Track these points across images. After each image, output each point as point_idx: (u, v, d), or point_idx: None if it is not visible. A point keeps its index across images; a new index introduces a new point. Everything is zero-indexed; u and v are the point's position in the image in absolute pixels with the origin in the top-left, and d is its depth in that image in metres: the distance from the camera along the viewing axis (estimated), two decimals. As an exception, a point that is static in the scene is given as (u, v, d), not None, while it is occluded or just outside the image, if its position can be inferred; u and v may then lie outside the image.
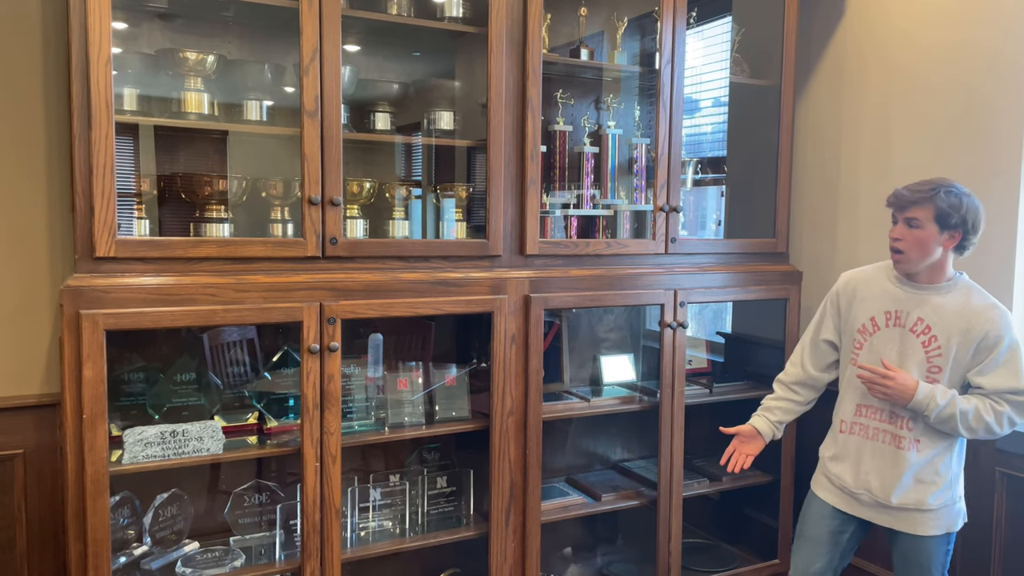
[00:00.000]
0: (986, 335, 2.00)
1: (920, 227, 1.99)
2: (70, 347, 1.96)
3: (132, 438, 2.13)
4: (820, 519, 2.23)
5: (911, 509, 2.09)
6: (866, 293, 2.16)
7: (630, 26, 2.96)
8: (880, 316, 2.12)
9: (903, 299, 2.09)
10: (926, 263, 2.03)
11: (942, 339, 2.03)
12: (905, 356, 2.07)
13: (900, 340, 2.08)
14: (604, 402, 2.91)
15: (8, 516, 2.36)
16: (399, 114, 2.64)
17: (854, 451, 2.17)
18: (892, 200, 2.04)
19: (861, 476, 2.14)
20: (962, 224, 1.98)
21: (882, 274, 2.17)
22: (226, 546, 2.39)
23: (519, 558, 2.58)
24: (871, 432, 2.13)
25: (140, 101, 2.26)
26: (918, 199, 1.98)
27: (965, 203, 1.97)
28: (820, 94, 3.14)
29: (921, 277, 2.08)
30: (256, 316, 2.17)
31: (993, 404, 2.01)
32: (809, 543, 2.24)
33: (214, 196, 2.30)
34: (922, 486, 2.08)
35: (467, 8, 2.54)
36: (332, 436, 2.26)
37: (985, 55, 2.56)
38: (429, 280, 2.37)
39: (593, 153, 2.91)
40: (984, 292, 2.08)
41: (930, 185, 1.99)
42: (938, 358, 2.04)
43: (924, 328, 2.05)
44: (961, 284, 2.08)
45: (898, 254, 2.04)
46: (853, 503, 2.17)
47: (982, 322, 2.01)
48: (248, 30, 2.48)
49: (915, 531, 2.10)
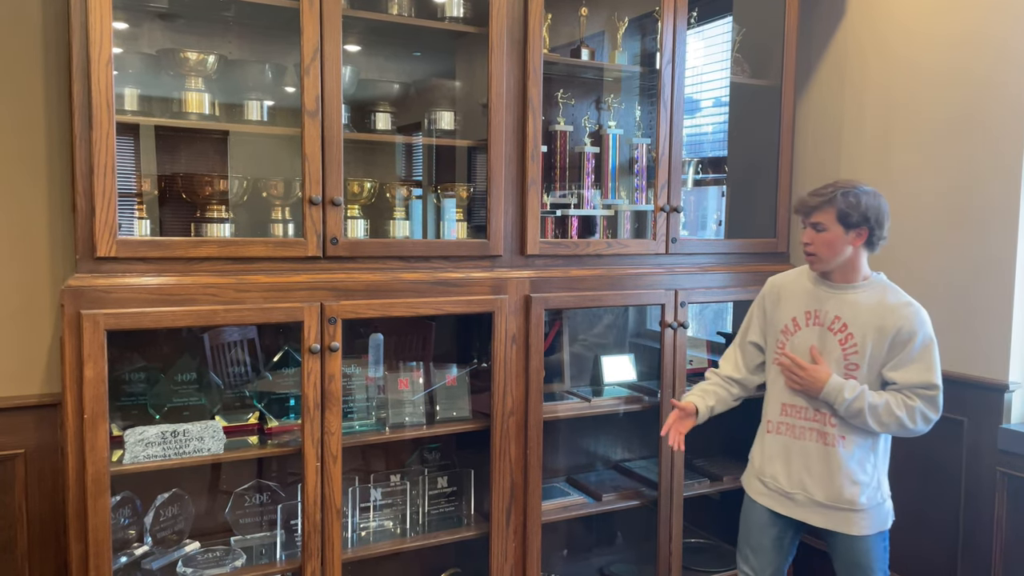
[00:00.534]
0: (899, 330, 2.06)
1: (826, 229, 2.08)
2: (71, 347, 1.96)
3: (133, 438, 2.13)
4: (762, 528, 2.27)
5: (844, 508, 2.13)
6: (788, 295, 2.24)
7: (631, 26, 2.96)
8: (800, 316, 2.19)
9: (822, 298, 2.17)
10: (837, 262, 2.11)
11: (858, 336, 2.10)
12: (824, 354, 2.14)
13: (819, 338, 2.15)
14: (605, 402, 2.91)
15: (9, 516, 2.36)
16: (400, 114, 2.64)
17: (783, 451, 2.21)
18: (797, 207, 2.15)
19: (794, 475, 2.18)
20: (864, 221, 2.06)
21: (804, 276, 2.25)
22: (227, 546, 2.39)
23: (520, 558, 2.58)
24: (798, 431, 2.18)
25: (141, 101, 2.26)
26: (819, 203, 2.07)
27: (864, 201, 2.05)
28: (821, 94, 3.13)
29: (836, 276, 2.15)
30: (257, 316, 2.17)
31: (905, 399, 2.06)
32: (754, 552, 2.28)
33: (215, 196, 2.30)
34: (853, 486, 2.12)
35: (468, 8, 2.54)
36: (333, 436, 2.26)
37: (988, 55, 2.56)
38: (430, 280, 2.37)
39: (594, 153, 2.91)
40: (900, 290, 2.15)
41: (829, 188, 2.08)
42: (854, 355, 2.10)
43: (841, 326, 2.12)
44: (877, 283, 2.15)
45: (810, 256, 2.13)
46: (789, 504, 2.20)
47: (896, 318, 2.07)
48: (249, 30, 2.48)
49: (849, 531, 2.14)
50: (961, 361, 2.64)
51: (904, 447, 2.84)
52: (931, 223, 2.73)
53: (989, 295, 2.56)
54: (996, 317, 2.54)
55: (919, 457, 2.79)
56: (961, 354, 2.64)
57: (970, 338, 2.62)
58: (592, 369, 3.09)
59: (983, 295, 2.58)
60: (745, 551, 2.31)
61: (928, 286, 2.74)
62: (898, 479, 2.87)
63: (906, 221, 2.82)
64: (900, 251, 2.84)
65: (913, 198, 2.79)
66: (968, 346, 2.62)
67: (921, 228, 2.76)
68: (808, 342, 2.16)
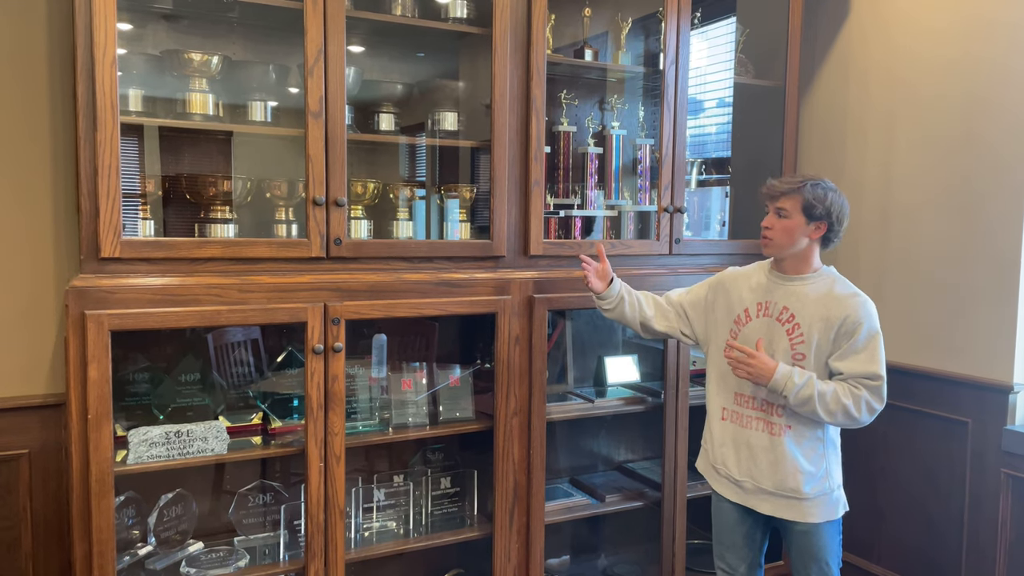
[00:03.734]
0: (845, 320, 2.08)
1: (788, 216, 2.11)
2: (75, 347, 1.96)
3: (137, 438, 2.13)
4: (732, 527, 2.29)
5: (790, 496, 2.15)
6: (744, 288, 2.26)
7: (634, 26, 2.96)
8: (753, 307, 2.22)
9: (772, 290, 2.19)
10: (792, 251, 2.14)
11: (804, 326, 2.12)
12: (772, 343, 2.16)
13: (767, 328, 2.18)
14: (608, 403, 2.90)
15: (13, 516, 2.37)
16: (403, 115, 2.64)
17: (732, 439, 2.23)
18: (765, 191, 2.17)
19: (743, 464, 2.20)
20: (827, 216, 2.09)
21: (760, 270, 2.27)
22: (230, 546, 2.40)
23: (523, 559, 2.58)
24: (745, 419, 2.20)
25: (145, 102, 2.27)
26: (787, 190, 2.10)
27: (830, 197, 2.09)
28: (825, 94, 3.13)
29: (788, 267, 2.18)
30: (261, 317, 2.17)
31: (851, 388, 2.07)
32: (728, 549, 2.31)
33: (219, 197, 2.30)
34: (798, 475, 2.14)
35: (471, 9, 2.55)
36: (336, 437, 2.26)
37: (993, 54, 2.55)
38: (433, 281, 2.38)
39: (597, 154, 2.90)
40: (848, 283, 2.17)
41: (799, 178, 2.13)
42: (801, 345, 2.12)
43: (788, 316, 2.15)
44: (827, 275, 2.17)
45: (766, 239, 2.15)
46: (740, 492, 2.23)
47: (842, 308, 2.09)
48: (253, 31, 2.48)
49: (798, 519, 2.16)
50: (966, 362, 2.63)
51: (908, 448, 2.84)
52: (936, 224, 2.73)
53: (994, 296, 2.55)
54: (1001, 318, 2.54)
55: (923, 459, 2.79)
56: (966, 355, 2.63)
57: (975, 339, 2.61)
58: (595, 370, 3.09)
59: (988, 296, 2.57)
60: (719, 549, 2.34)
61: (933, 287, 2.74)
62: (901, 480, 2.87)
63: (911, 222, 2.81)
64: (904, 252, 2.84)
65: (918, 199, 2.78)
66: (973, 347, 2.62)
67: (926, 229, 2.76)
68: (758, 333, 2.18)
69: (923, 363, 2.77)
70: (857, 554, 3.03)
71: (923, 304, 2.77)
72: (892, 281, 2.87)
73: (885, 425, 2.90)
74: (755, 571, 2.31)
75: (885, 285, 2.90)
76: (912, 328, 2.81)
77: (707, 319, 2.32)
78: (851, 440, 3.01)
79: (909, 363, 2.80)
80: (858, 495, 3.01)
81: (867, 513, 2.99)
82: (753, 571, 2.31)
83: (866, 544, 3.00)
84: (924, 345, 2.76)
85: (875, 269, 2.93)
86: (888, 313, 2.89)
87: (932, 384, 2.72)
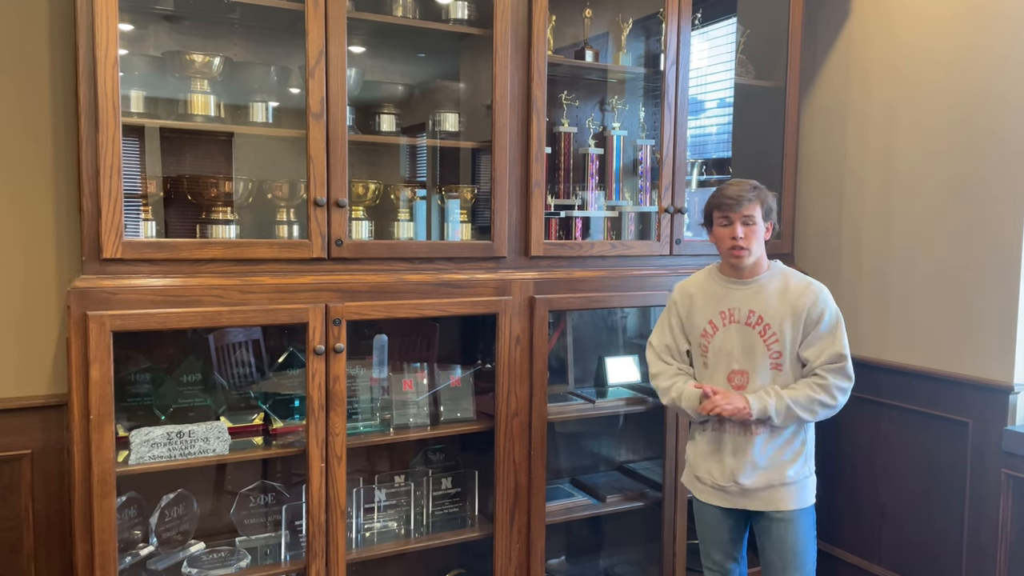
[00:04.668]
0: (810, 310, 2.15)
1: (755, 223, 2.16)
2: (77, 348, 1.97)
3: (139, 439, 2.14)
4: (716, 525, 2.32)
5: (775, 485, 2.19)
6: (701, 299, 2.27)
7: (635, 27, 2.96)
8: (716, 317, 2.23)
9: (733, 296, 2.22)
10: (757, 255, 2.20)
11: (775, 325, 2.17)
12: (748, 349, 2.19)
13: (740, 336, 2.20)
14: (609, 403, 2.91)
15: (15, 516, 2.37)
16: (404, 116, 2.64)
17: (714, 447, 2.25)
18: (729, 203, 2.15)
19: (726, 468, 2.22)
20: (775, 215, 2.21)
21: (709, 279, 2.29)
22: (232, 546, 2.40)
23: (524, 559, 2.59)
24: (726, 426, 2.22)
25: (147, 103, 2.27)
26: (751, 197, 2.15)
27: (771, 196, 2.20)
28: (826, 95, 3.13)
29: (747, 272, 2.22)
30: (262, 317, 2.18)
31: (816, 380, 2.14)
32: (714, 547, 2.34)
33: (220, 198, 2.31)
34: (781, 463, 2.19)
35: (472, 10, 2.55)
36: (337, 437, 2.26)
37: (993, 55, 2.55)
38: (434, 282, 2.38)
39: (598, 154, 2.91)
40: (798, 273, 2.25)
41: (751, 184, 2.18)
42: (776, 343, 2.17)
43: (757, 319, 2.18)
44: (778, 270, 2.24)
45: (742, 251, 2.16)
46: (726, 496, 2.25)
47: (804, 299, 2.16)
48: (254, 32, 2.48)
49: (785, 506, 2.19)
50: (966, 363, 2.64)
51: (909, 448, 2.84)
52: (936, 224, 2.73)
53: (994, 296, 2.56)
54: (1001, 319, 2.54)
55: (924, 459, 2.79)
56: (966, 356, 2.64)
57: (975, 340, 2.61)
58: (596, 370, 3.09)
59: (988, 297, 2.57)
60: (705, 548, 2.37)
61: (933, 287, 2.74)
62: (901, 480, 2.87)
63: (911, 222, 2.81)
64: (905, 252, 2.84)
65: (918, 199, 2.78)
66: (973, 348, 2.62)
67: (926, 229, 2.76)
68: (730, 341, 2.20)
69: (924, 363, 2.77)
70: (858, 554, 3.03)
71: (924, 304, 2.77)
72: (894, 281, 2.87)
73: (886, 425, 2.90)
74: (741, 564, 2.36)
75: (887, 285, 2.90)
76: (913, 328, 2.81)
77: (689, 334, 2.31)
78: (851, 440, 3.01)
79: (910, 363, 2.81)
80: (859, 494, 3.02)
81: (868, 513, 2.99)
82: (739, 563, 2.36)
83: (867, 544, 3.00)
84: (925, 345, 2.77)
85: (877, 269, 2.93)
86: (889, 313, 2.89)
87: (933, 384, 2.73)
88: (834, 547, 3.09)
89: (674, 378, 2.29)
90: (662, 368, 2.33)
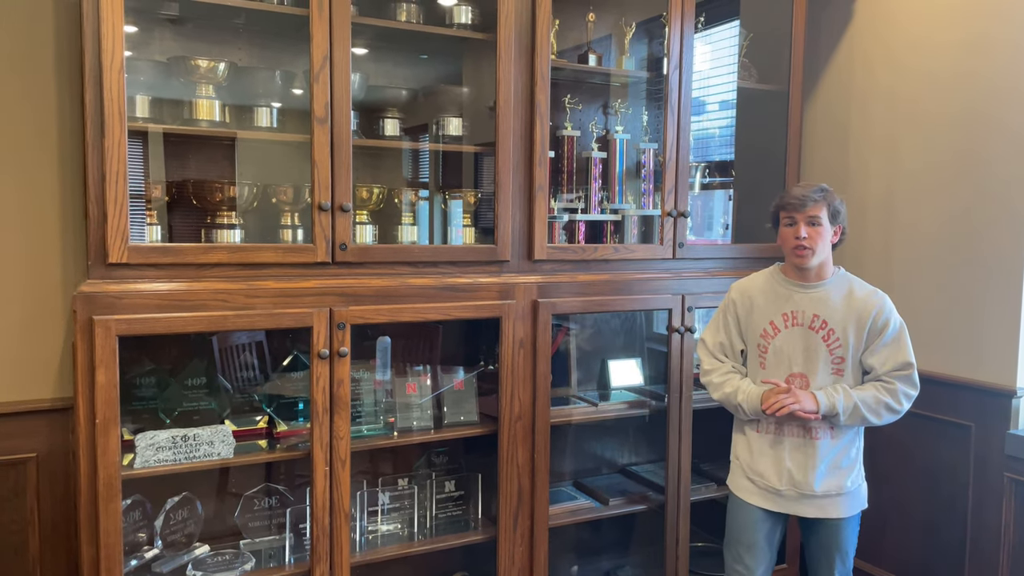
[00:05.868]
0: (875, 319, 2.18)
1: (820, 224, 2.17)
2: (83, 353, 1.97)
3: (144, 442, 2.14)
4: (752, 524, 2.30)
5: (833, 495, 2.20)
6: (762, 300, 2.28)
7: (638, 30, 2.97)
8: (778, 319, 2.24)
9: (797, 299, 2.23)
10: (823, 257, 2.21)
11: (839, 331, 2.18)
12: (810, 352, 2.20)
13: (803, 339, 2.21)
14: (612, 406, 2.91)
15: (21, 519, 2.38)
16: (408, 119, 2.65)
17: (772, 449, 2.25)
18: (794, 203, 2.17)
19: (784, 473, 2.22)
20: (843, 219, 2.21)
21: (772, 280, 2.30)
22: (236, 549, 2.41)
23: (527, 562, 2.59)
24: (785, 428, 2.22)
25: (152, 108, 2.28)
26: (817, 198, 2.17)
27: (841, 201, 2.21)
28: (829, 98, 3.14)
29: (812, 275, 2.23)
30: (266, 322, 2.18)
31: (884, 385, 2.16)
32: (747, 549, 2.31)
33: (225, 202, 2.32)
34: (839, 471, 2.20)
35: (476, 15, 2.56)
36: (342, 441, 2.27)
37: (996, 57, 2.56)
38: (438, 285, 2.39)
39: (601, 158, 2.91)
40: (863, 281, 2.27)
41: (818, 186, 2.19)
42: (839, 349, 2.18)
43: (821, 323, 2.19)
44: (843, 277, 2.26)
45: (805, 250, 2.17)
46: (779, 500, 2.25)
47: (869, 307, 2.18)
48: (259, 37, 2.49)
49: (838, 515, 2.21)
50: (969, 366, 2.64)
51: (911, 451, 2.84)
52: (939, 227, 2.73)
53: (997, 300, 2.56)
54: (1004, 322, 2.54)
55: (926, 462, 2.79)
56: (969, 359, 2.64)
57: (978, 343, 2.62)
58: (599, 373, 3.10)
59: (991, 300, 2.58)
60: (737, 550, 2.33)
61: (936, 291, 2.74)
62: (904, 484, 2.88)
63: (914, 225, 2.82)
64: (908, 256, 2.84)
65: (921, 203, 2.79)
66: (976, 351, 2.62)
67: (929, 232, 2.76)
68: (792, 344, 2.21)
69: (927, 367, 2.77)
70: (860, 557, 3.03)
71: (927, 308, 2.78)
72: (897, 285, 2.87)
73: (888, 428, 2.89)
74: (770, 572, 2.33)
75: (890, 289, 2.88)
76: (916, 332, 2.80)
77: (746, 334, 2.31)
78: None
79: (912, 367, 2.81)
80: (861, 498, 3.02)
81: (870, 516, 2.99)
82: (769, 572, 2.33)
83: (869, 547, 3.01)
84: (928, 349, 2.77)
85: (880, 274, 2.94)
86: (891, 317, 2.90)
87: (936, 388, 2.73)
88: (837, 550, 3.09)
89: (728, 375, 2.30)
90: (715, 365, 2.35)
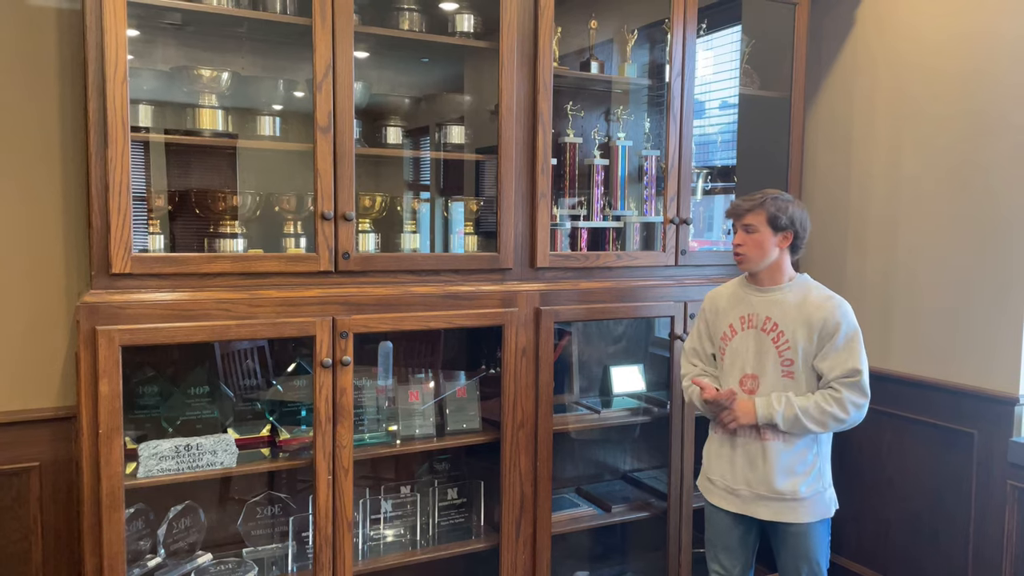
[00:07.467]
0: (825, 323, 2.18)
1: (756, 231, 2.22)
2: (86, 363, 1.98)
3: (147, 452, 2.15)
4: (727, 530, 2.35)
5: (787, 499, 2.22)
6: (725, 305, 2.35)
7: (640, 36, 2.97)
8: (736, 322, 2.31)
9: (754, 303, 2.28)
10: (765, 263, 2.25)
11: (788, 334, 2.21)
12: (761, 354, 2.25)
13: (755, 341, 2.26)
14: (614, 413, 2.91)
15: (24, 528, 2.38)
16: (410, 128, 2.65)
17: (727, 450, 2.30)
18: (731, 211, 2.28)
19: (738, 472, 2.27)
20: (791, 225, 2.22)
21: (738, 287, 2.36)
22: (239, 557, 2.41)
23: (530, 570, 2.59)
24: (737, 430, 2.26)
25: (155, 117, 2.28)
26: (752, 207, 2.22)
27: (791, 207, 2.23)
28: (831, 105, 3.13)
29: (765, 279, 2.28)
30: (270, 331, 2.19)
31: (831, 393, 2.18)
32: (724, 552, 2.36)
33: (227, 211, 2.32)
34: (794, 476, 2.22)
35: (478, 23, 2.56)
36: (344, 449, 2.27)
37: (999, 62, 2.56)
38: (440, 294, 2.39)
39: (603, 165, 2.91)
40: (823, 287, 2.28)
41: (760, 195, 2.24)
42: (788, 351, 2.21)
43: (772, 326, 2.24)
44: (802, 282, 2.28)
45: (740, 256, 2.26)
46: (736, 501, 2.28)
47: (821, 312, 2.20)
48: (261, 46, 2.50)
49: (796, 520, 2.23)
50: (972, 374, 2.64)
51: (914, 459, 2.84)
52: (942, 234, 2.73)
53: (1000, 308, 2.56)
54: (1007, 330, 2.54)
55: (929, 470, 2.79)
56: (972, 367, 2.64)
57: (981, 351, 2.61)
58: (601, 380, 3.10)
59: (994, 308, 2.58)
60: (713, 552, 2.39)
61: (939, 298, 2.74)
62: (906, 491, 2.87)
63: (916, 232, 2.82)
64: (910, 262, 2.84)
65: (924, 209, 2.79)
66: (979, 359, 2.62)
67: (932, 239, 2.76)
68: (745, 345, 2.26)
69: (929, 374, 2.77)
70: (863, 564, 3.03)
71: (929, 315, 2.77)
72: (899, 291, 2.87)
73: (891, 436, 2.90)
74: (747, 572, 2.38)
75: (892, 295, 2.90)
76: (918, 339, 2.81)
77: (714, 337, 2.39)
78: (857, 451, 3.01)
79: (915, 374, 2.81)
80: (863, 505, 3.02)
81: (873, 523, 2.99)
82: (746, 573, 2.37)
83: (871, 554, 3.00)
84: (930, 356, 2.77)
85: (882, 279, 2.94)
86: (895, 323, 2.90)
87: (938, 395, 2.73)
88: (840, 557, 3.09)
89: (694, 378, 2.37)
90: (688, 369, 2.44)
